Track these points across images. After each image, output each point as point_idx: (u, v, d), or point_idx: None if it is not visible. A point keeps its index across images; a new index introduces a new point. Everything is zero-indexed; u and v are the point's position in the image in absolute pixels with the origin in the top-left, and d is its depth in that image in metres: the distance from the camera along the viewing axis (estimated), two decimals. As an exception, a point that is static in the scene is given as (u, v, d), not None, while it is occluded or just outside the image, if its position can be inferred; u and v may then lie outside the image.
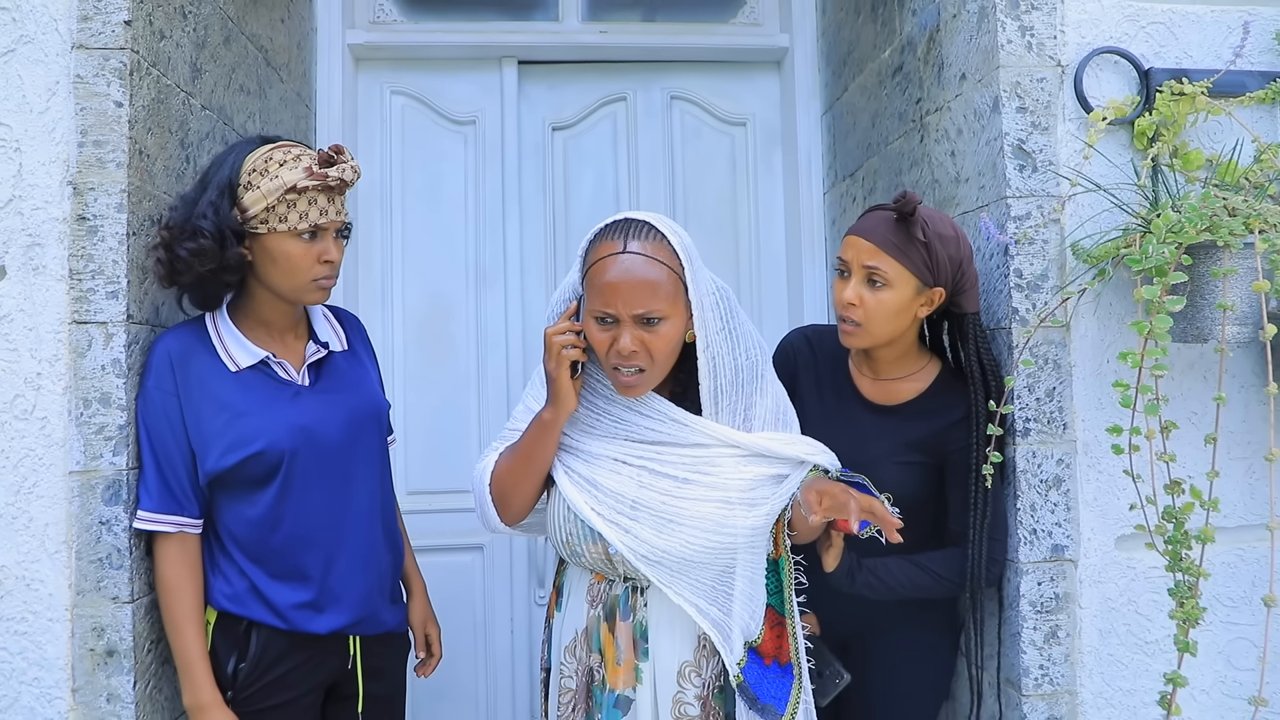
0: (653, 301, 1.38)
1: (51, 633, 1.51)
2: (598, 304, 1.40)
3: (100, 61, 1.53)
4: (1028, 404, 1.66)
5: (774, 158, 2.87)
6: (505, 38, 2.73)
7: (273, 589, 1.54)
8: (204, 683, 1.50)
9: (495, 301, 2.73)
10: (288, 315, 1.62)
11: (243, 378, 1.54)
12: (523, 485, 1.51)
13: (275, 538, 1.54)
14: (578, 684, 1.54)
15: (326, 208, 1.52)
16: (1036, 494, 1.66)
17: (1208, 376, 1.71)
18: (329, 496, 1.58)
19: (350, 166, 1.54)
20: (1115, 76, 1.73)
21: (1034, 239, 1.68)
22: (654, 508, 1.45)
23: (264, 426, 1.52)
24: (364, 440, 1.63)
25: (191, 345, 1.54)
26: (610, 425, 1.51)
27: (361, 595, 1.60)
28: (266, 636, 1.55)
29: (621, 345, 1.39)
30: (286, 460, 1.52)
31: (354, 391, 1.65)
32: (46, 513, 1.51)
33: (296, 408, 1.56)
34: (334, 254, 1.55)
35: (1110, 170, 1.69)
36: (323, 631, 1.56)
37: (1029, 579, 1.65)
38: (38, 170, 1.52)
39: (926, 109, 2.02)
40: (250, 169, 1.50)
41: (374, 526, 1.64)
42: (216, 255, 1.47)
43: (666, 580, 1.44)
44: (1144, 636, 1.69)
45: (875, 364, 1.72)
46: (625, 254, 1.40)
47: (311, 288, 1.55)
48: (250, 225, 1.50)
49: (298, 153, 1.52)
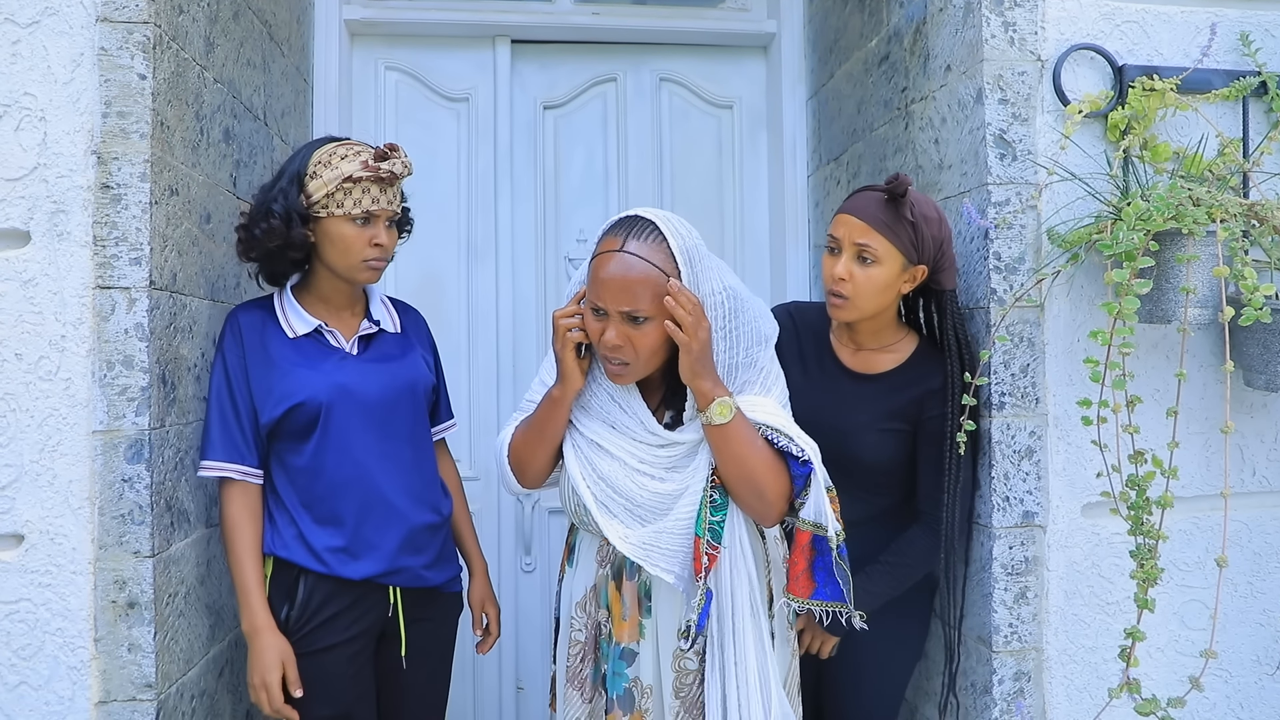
0: (638, 302, 1.45)
1: (75, 585, 1.57)
2: (592, 296, 1.50)
3: (125, 35, 1.57)
4: (1003, 379, 1.77)
5: (759, 140, 2.95)
6: (499, 16, 2.78)
7: (314, 533, 1.69)
8: (258, 609, 1.66)
9: (486, 277, 2.79)
10: (345, 294, 1.80)
11: (299, 343, 1.74)
12: (537, 455, 1.63)
13: (318, 484, 1.70)
14: (586, 636, 1.64)
15: (379, 197, 1.71)
16: (1010, 464, 1.77)
17: (1170, 355, 1.83)
18: (364, 450, 1.72)
19: (402, 162, 1.72)
20: (1091, 71, 1.83)
21: (1012, 224, 1.78)
22: (639, 500, 1.55)
23: (306, 382, 1.69)
24: (400, 406, 1.78)
25: (258, 316, 1.75)
26: (599, 410, 1.61)
27: (393, 548, 1.73)
28: (312, 582, 1.70)
29: (606, 338, 1.49)
30: (324, 412, 1.69)
31: (397, 363, 1.81)
32: (70, 470, 1.56)
33: (340, 369, 1.73)
34: (384, 238, 1.73)
35: (1085, 160, 1.80)
36: (356, 577, 1.70)
37: (1001, 543, 1.77)
38: (62, 139, 1.57)
39: (912, 97, 2.11)
40: (316, 161, 1.70)
41: (408, 484, 1.76)
42: (283, 234, 1.68)
43: (642, 558, 1.52)
44: (1106, 598, 1.81)
45: (857, 336, 1.81)
46: (621, 253, 1.46)
47: (362, 267, 1.73)
48: (314, 210, 1.70)
49: (358, 149, 1.72)
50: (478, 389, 2.78)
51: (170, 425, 1.66)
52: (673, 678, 1.57)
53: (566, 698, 1.64)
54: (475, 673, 2.75)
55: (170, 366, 1.66)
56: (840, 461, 1.69)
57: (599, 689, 1.62)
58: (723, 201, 2.94)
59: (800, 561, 1.53)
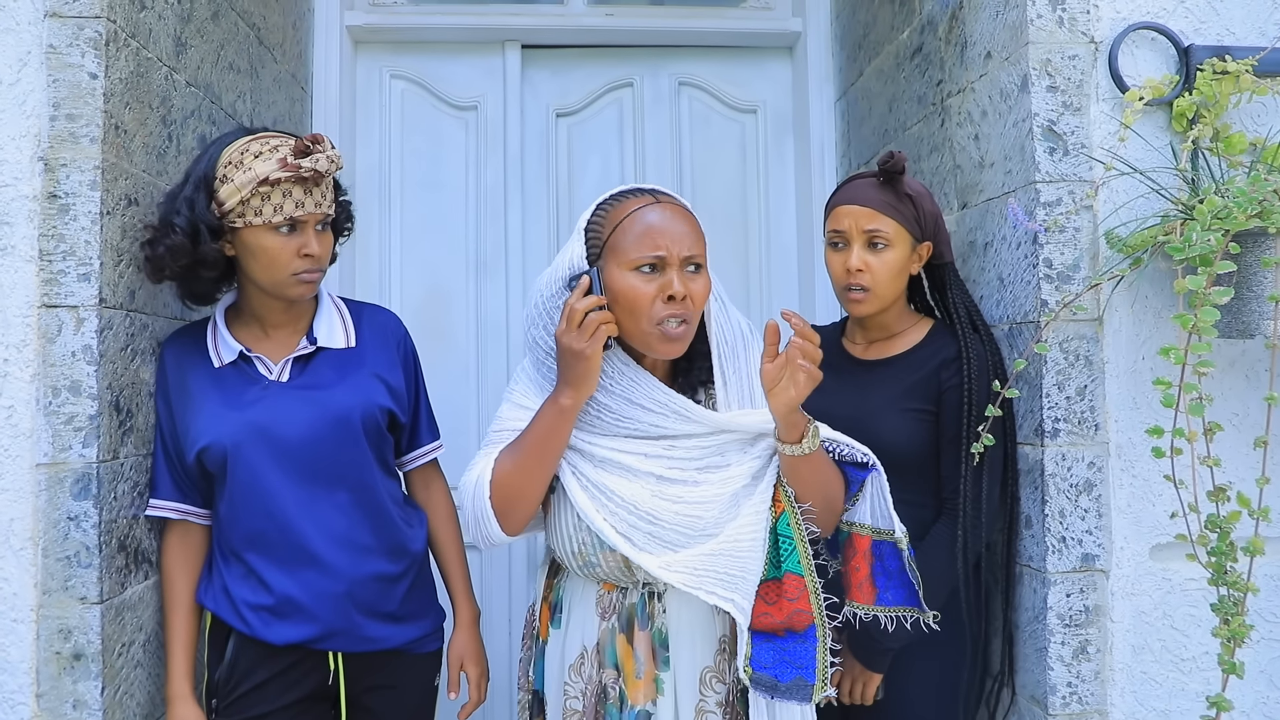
0: (697, 245, 1.38)
1: (15, 634, 1.42)
2: (644, 249, 1.35)
3: (74, 31, 1.44)
4: (1057, 403, 1.56)
5: (785, 146, 2.77)
6: (508, 20, 2.64)
7: (238, 587, 1.51)
8: (176, 674, 1.51)
9: (496, 292, 2.64)
10: (279, 311, 1.57)
11: (222, 374, 1.53)
12: (533, 485, 1.40)
13: (234, 534, 1.50)
14: (585, 704, 1.43)
15: (303, 200, 1.47)
16: (1066, 499, 1.56)
17: (1252, 375, 1.61)
18: (281, 497, 1.49)
19: (326, 156, 1.47)
20: (1152, 54, 1.63)
21: (1065, 226, 1.58)
22: (668, 521, 1.36)
23: (215, 422, 1.49)
24: (328, 443, 1.52)
25: (187, 345, 1.57)
26: (612, 423, 1.41)
27: (326, 609, 1.50)
28: (239, 643, 1.51)
29: (676, 289, 1.34)
30: (231, 455, 1.47)
31: (329, 391, 1.55)
32: (12, 507, 1.42)
33: (258, 403, 1.51)
34: (314, 247, 1.49)
35: (1147, 153, 1.59)
36: (279, 642, 1.49)
37: (1057, 590, 1.55)
38: (7, 145, 1.44)
39: (948, 91, 1.91)
40: (226, 162, 1.46)
41: (345, 533, 1.52)
42: (189, 251, 1.45)
43: (695, 585, 1.34)
44: (1180, 653, 1.58)
45: (870, 330, 1.74)
46: (662, 204, 1.39)
47: (292, 282, 1.50)
48: (228, 220, 1.46)
49: (275, 143, 1.47)
50: (487, 409, 2.61)
51: (126, 457, 1.51)
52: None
53: None
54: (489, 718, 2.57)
55: (126, 392, 1.51)
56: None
57: None
58: (747, 211, 2.76)
59: (863, 567, 1.45)
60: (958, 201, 1.89)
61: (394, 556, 1.57)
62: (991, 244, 1.74)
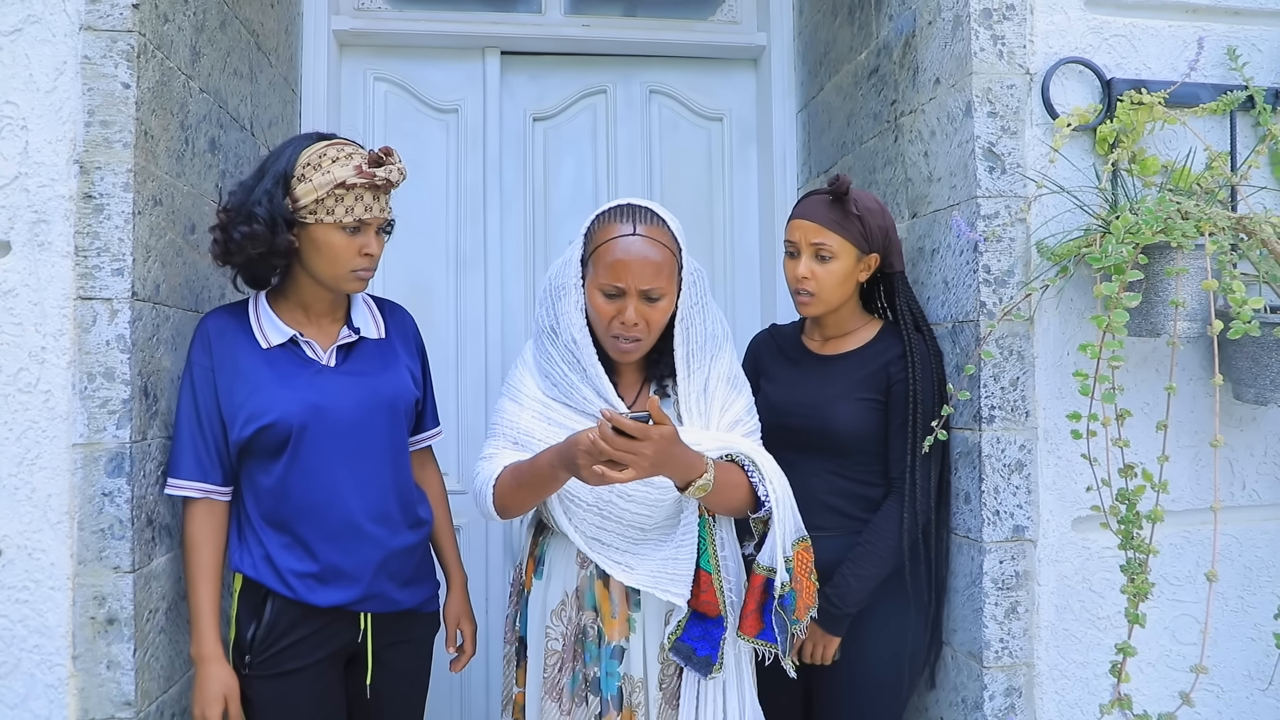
0: (656, 280, 1.56)
1: (53, 601, 1.54)
2: (607, 278, 1.55)
3: (108, 43, 1.56)
4: (993, 393, 1.76)
5: (749, 153, 2.95)
6: (489, 28, 2.77)
7: (282, 556, 1.62)
8: (207, 637, 1.59)
9: (475, 288, 2.78)
10: (326, 301, 1.71)
11: (271, 355, 1.64)
12: (528, 505, 1.62)
13: (285, 507, 1.62)
14: (564, 644, 1.63)
15: (371, 204, 1.61)
16: (1000, 477, 1.76)
17: (1159, 369, 1.83)
18: (336, 473, 1.63)
19: (397, 168, 1.63)
20: (1080, 85, 1.83)
21: (1002, 237, 1.78)
22: (627, 521, 1.60)
23: (277, 400, 1.60)
24: (378, 422, 1.68)
25: (230, 324, 1.66)
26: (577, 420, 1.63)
27: (368, 573, 1.65)
28: (279, 605, 1.63)
29: (627, 317, 1.55)
30: (295, 433, 1.60)
31: (377, 378, 1.71)
32: (49, 484, 1.54)
33: (314, 385, 1.64)
34: (374, 248, 1.65)
35: (1073, 173, 1.80)
36: (324, 604, 1.62)
37: (991, 557, 1.76)
38: (44, 148, 1.55)
39: (901, 110, 2.11)
40: (305, 162, 1.59)
41: (385, 507, 1.68)
42: (267, 240, 1.57)
43: (652, 585, 1.58)
44: (1096, 612, 1.80)
45: (825, 329, 1.94)
46: (635, 236, 1.56)
47: (350, 277, 1.65)
48: (300, 215, 1.59)
49: (350, 151, 1.61)
50: (466, 401, 2.76)
51: (152, 438, 1.63)
52: (658, 669, 1.60)
53: (543, 711, 1.63)
54: (462, 691, 2.72)
55: (152, 379, 1.63)
56: (822, 437, 1.82)
57: (577, 698, 1.61)
58: (713, 214, 2.94)
59: (751, 603, 1.62)
60: (909, 211, 2.08)
61: (414, 528, 1.75)
62: (938, 250, 1.94)
